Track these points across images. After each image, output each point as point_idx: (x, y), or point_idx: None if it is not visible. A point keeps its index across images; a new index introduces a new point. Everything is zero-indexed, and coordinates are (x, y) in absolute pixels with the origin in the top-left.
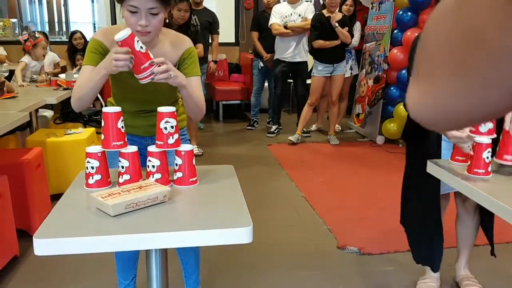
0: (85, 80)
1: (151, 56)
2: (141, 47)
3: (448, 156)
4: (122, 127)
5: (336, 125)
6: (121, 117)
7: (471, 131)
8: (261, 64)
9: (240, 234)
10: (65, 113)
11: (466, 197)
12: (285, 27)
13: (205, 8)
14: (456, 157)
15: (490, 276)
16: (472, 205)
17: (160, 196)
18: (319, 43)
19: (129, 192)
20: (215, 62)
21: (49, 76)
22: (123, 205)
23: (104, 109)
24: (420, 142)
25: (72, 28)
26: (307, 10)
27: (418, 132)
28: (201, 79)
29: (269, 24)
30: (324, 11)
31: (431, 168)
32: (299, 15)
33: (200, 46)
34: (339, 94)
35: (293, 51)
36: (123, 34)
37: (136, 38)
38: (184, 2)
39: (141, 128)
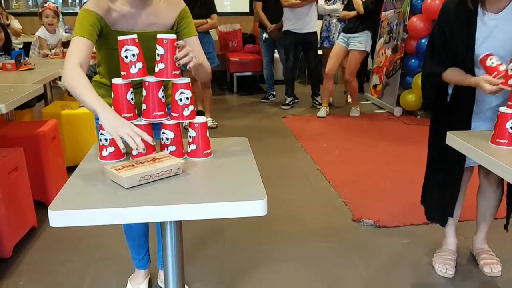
0: (80, 83)
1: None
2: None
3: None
4: (132, 98)
5: (331, 97)
6: (131, 89)
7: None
8: (266, 35)
9: (255, 207)
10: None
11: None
12: None
13: None
14: (498, 140)
15: (508, 250)
16: (495, 178)
17: (174, 169)
18: (344, 14)
19: (142, 165)
20: None
21: (62, 48)
22: (137, 178)
23: (114, 81)
24: (449, 115)
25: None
26: None
27: (446, 103)
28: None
29: None
30: None
31: (451, 139)
32: None
33: (215, 16)
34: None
35: (303, 22)
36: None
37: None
38: None
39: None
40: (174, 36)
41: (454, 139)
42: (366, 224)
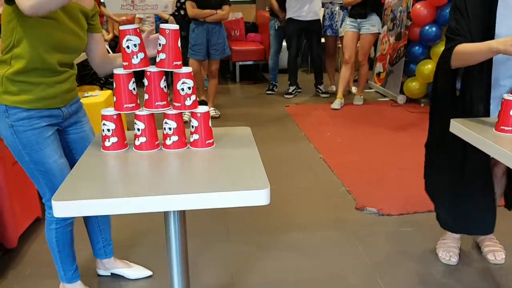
0: None
1: None
2: None
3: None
4: (134, 88)
5: (332, 86)
6: (133, 79)
7: None
8: (278, 24)
9: (258, 196)
10: (82, 76)
11: (496, 162)
12: None
13: None
14: (502, 127)
15: None
16: (501, 169)
17: (161, 6)
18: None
19: None
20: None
21: None
22: (119, 4)
23: (115, 71)
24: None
25: None
26: None
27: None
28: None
29: None
30: None
31: (455, 127)
32: None
33: (227, 8)
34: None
35: (306, 9)
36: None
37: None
38: None
39: (59, 98)
40: (176, 27)
41: (458, 127)
42: (369, 212)
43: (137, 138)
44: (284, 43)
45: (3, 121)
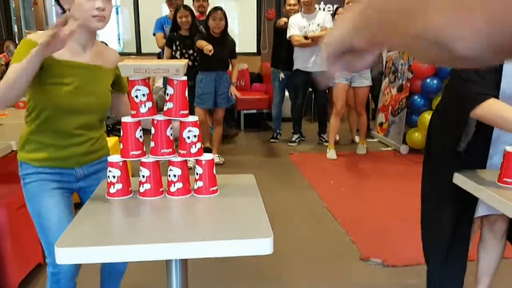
0: (8, 73)
1: None
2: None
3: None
4: (141, 136)
5: (337, 136)
6: (140, 127)
7: None
8: (282, 76)
9: (261, 245)
10: None
11: (496, 220)
12: (305, 37)
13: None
14: (505, 179)
15: None
16: (501, 228)
17: (172, 69)
18: None
19: (146, 61)
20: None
21: None
22: (132, 68)
23: (123, 119)
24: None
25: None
26: (325, 19)
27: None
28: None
29: (288, 36)
30: None
31: (458, 179)
32: (318, 25)
33: (235, 62)
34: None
35: (313, 60)
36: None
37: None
38: (217, 11)
39: (72, 159)
40: (184, 78)
41: (461, 179)
42: (374, 263)
43: (141, 185)
44: (287, 93)
45: (19, 173)
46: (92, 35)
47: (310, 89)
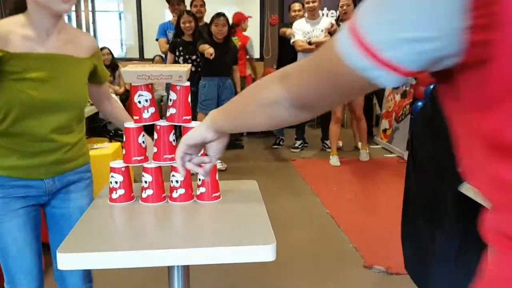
0: None
1: None
2: None
3: None
4: (143, 141)
5: (339, 141)
6: (142, 132)
7: None
8: None
9: (263, 252)
10: (92, 128)
11: None
12: (309, 43)
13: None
14: None
15: None
16: None
17: (175, 75)
18: None
19: (149, 67)
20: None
21: None
22: (135, 75)
23: (126, 124)
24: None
25: (100, 45)
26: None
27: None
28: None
29: (292, 41)
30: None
31: (470, 190)
32: (322, 30)
33: (236, 68)
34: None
35: None
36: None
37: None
38: (220, 17)
39: (42, 168)
40: (187, 84)
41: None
42: (377, 271)
43: (144, 191)
44: None
45: None
46: (56, 20)
47: None
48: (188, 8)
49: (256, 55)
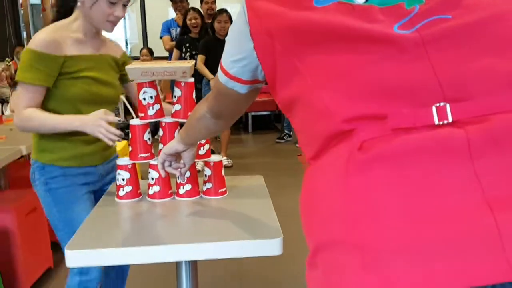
0: (42, 116)
1: None
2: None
3: None
4: (149, 139)
5: None
6: (148, 129)
7: None
8: None
9: (270, 246)
10: None
11: None
12: None
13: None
14: None
15: None
16: None
17: (179, 71)
18: None
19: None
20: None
21: None
22: (139, 71)
23: (131, 122)
24: None
25: None
26: None
27: None
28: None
29: None
30: None
31: None
32: None
33: None
34: None
35: None
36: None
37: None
38: (223, 14)
39: (97, 155)
40: (192, 80)
41: None
42: None
43: (150, 187)
44: None
45: (39, 178)
46: (97, 28)
47: None
48: (195, 5)
49: None
